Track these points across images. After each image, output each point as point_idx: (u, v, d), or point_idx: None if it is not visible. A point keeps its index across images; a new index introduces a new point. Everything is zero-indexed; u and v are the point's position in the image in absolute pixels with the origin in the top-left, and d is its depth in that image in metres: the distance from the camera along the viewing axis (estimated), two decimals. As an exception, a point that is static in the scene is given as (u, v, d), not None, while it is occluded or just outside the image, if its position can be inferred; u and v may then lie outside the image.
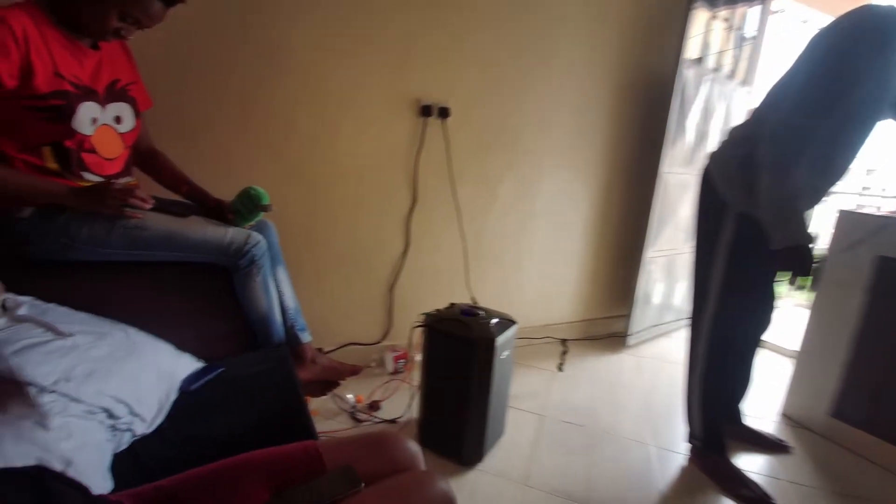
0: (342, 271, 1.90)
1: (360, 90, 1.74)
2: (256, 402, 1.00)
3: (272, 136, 1.65)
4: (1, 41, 0.89)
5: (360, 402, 1.73)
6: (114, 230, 1.07)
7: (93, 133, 1.08)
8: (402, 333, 2.03)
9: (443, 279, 2.10)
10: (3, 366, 0.70)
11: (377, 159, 1.85)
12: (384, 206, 1.91)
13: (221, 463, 0.68)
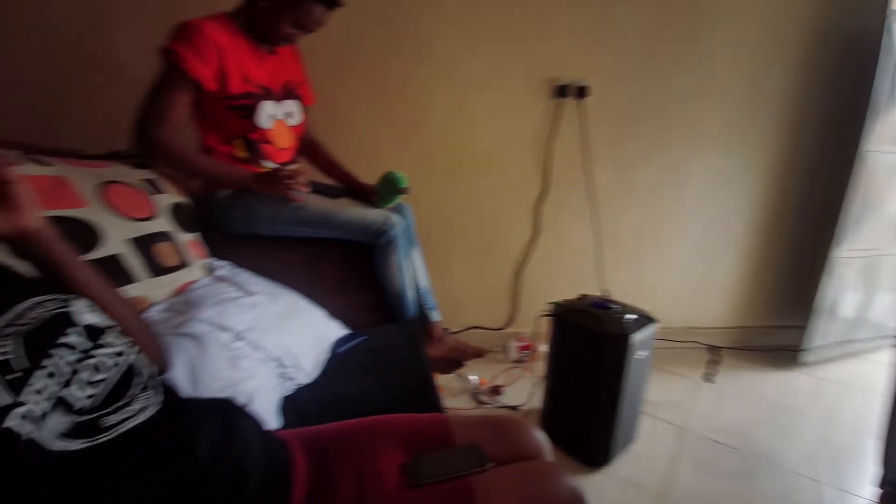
0: (471, 255, 1.94)
1: (493, 74, 1.73)
2: (391, 370, 1.08)
3: (410, 122, 1.74)
4: (203, 51, 1.08)
5: (483, 384, 1.75)
6: (283, 209, 1.24)
7: (270, 127, 1.26)
8: (527, 321, 1.99)
9: (572, 269, 2.00)
10: (209, 313, 0.86)
11: (508, 145, 1.83)
12: (513, 192, 1.89)
13: (364, 420, 0.75)
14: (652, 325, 1.38)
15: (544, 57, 1.74)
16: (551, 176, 1.87)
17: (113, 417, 0.48)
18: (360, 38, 1.62)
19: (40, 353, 0.45)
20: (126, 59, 1.45)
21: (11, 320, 0.46)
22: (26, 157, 0.86)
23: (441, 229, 1.87)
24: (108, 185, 0.95)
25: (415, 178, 1.43)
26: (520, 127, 1.81)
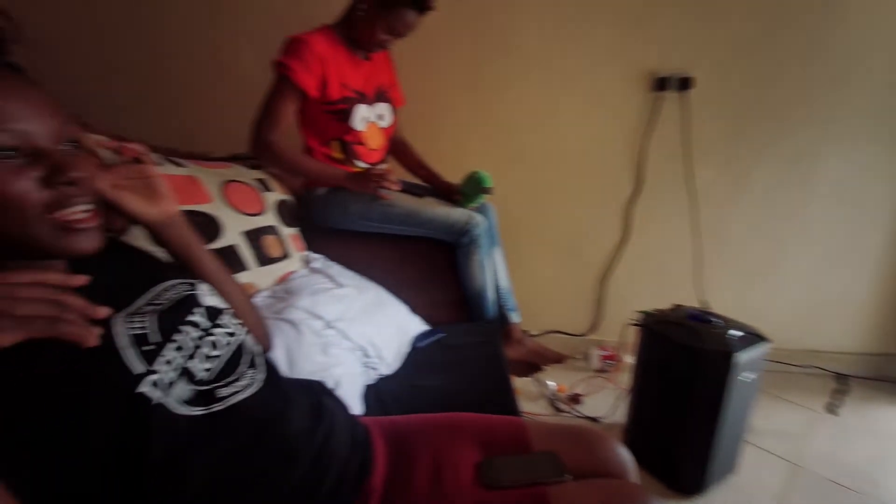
0: (554, 257, 1.88)
1: (585, 69, 1.66)
2: (468, 369, 1.09)
3: (496, 121, 1.73)
4: (307, 61, 1.18)
5: (562, 391, 1.70)
6: (373, 207, 1.31)
7: (363, 129, 1.33)
8: (612, 329, 1.89)
9: (666, 276, 1.85)
10: (305, 302, 0.94)
11: (598, 142, 1.74)
12: (602, 192, 1.79)
13: (441, 415, 0.76)
14: (762, 345, 1.23)
15: (642, 48, 1.62)
16: (645, 174, 1.74)
17: (225, 390, 0.54)
18: (446, 36, 1.63)
19: (171, 329, 0.53)
20: (247, 73, 1.63)
21: (150, 300, 0.55)
22: (166, 159, 1.01)
23: (524, 230, 1.84)
24: (229, 183, 1.08)
25: (500, 177, 1.43)
26: (612, 123, 1.71)
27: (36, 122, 0.43)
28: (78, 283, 0.40)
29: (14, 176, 0.42)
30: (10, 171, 0.41)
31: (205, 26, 1.65)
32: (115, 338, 0.48)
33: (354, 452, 0.63)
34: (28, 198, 0.42)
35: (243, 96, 1.28)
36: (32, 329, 0.36)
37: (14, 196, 0.41)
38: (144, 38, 1.67)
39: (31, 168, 0.43)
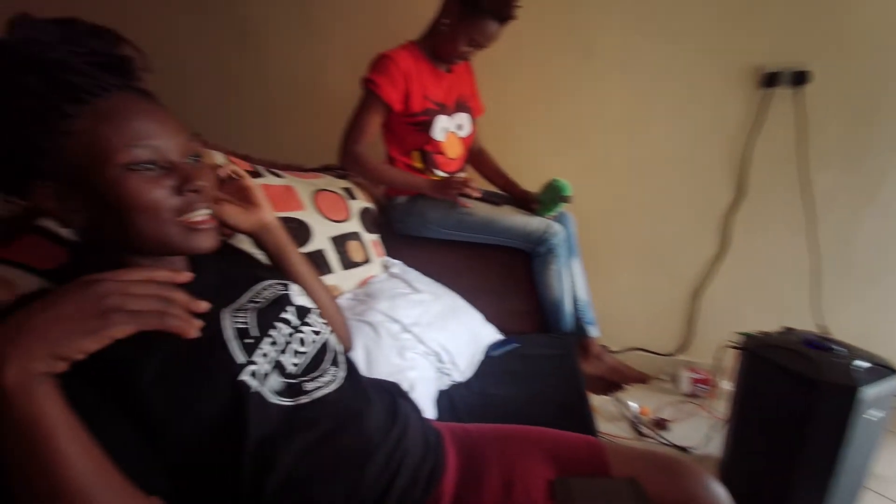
0: (638, 269, 1.77)
1: (676, 67, 1.54)
2: (543, 381, 1.06)
3: (576, 127, 1.67)
4: (393, 77, 1.23)
5: (645, 414, 1.58)
6: (451, 215, 1.33)
7: (443, 139, 1.36)
8: (705, 351, 1.72)
9: (772, 294, 1.65)
10: (383, 306, 0.98)
11: (692, 146, 1.61)
12: (697, 200, 1.65)
13: (514, 426, 0.75)
14: (893, 379, 1.04)
15: (747, 41, 1.47)
16: (748, 180, 1.57)
17: (310, 384, 0.58)
18: (523, 42, 1.59)
19: (267, 325, 0.58)
20: (338, 90, 1.75)
21: (251, 298, 0.61)
22: (268, 171, 1.12)
23: (606, 240, 1.75)
24: (319, 192, 1.17)
25: (579, 185, 1.38)
26: (709, 124, 1.57)
27: (168, 140, 0.50)
28: (183, 280, 0.44)
29: (152, 185, 0.49)
30: (149, 181, 0.49)
31: (300, 49, 1.81)
32: (223, 330, 0.53)
33: (427, 455, 0.64)
34: (163, 203, 0.49)
35: (334, 112, 1.38)
36: (143, 322, 0.40)
37: (152, 202, 0.49)
38: (250, 63, 1.87)
39: (165, 178, 0.50)
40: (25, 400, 0.36)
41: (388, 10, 1.67)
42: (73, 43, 0.45)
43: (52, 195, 0.48)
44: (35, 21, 0.45)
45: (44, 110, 0.44)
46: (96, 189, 0.47)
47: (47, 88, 0.44)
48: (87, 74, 0.46)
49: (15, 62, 0.43)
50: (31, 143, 0.45)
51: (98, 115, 0.46)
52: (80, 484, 0.36)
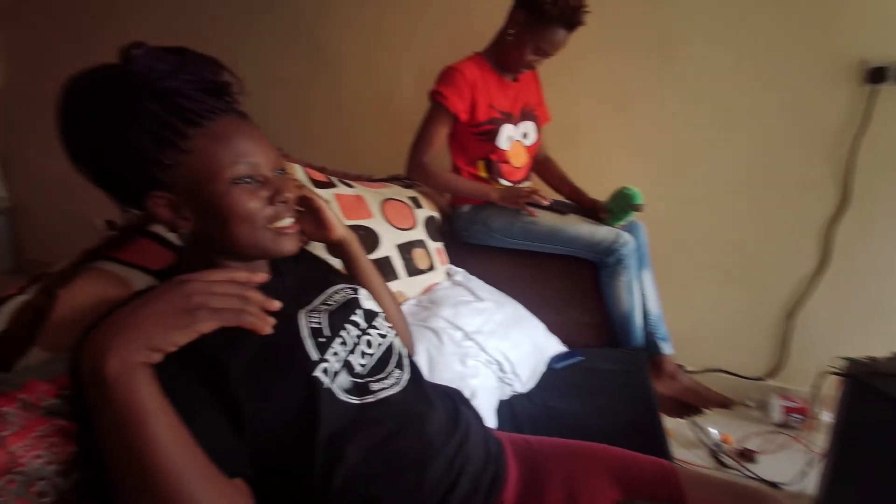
0: (720, 284, 1.63)
1: (766, 63, 1.42)
2: (610, 397, 1.02)
3: (650, 132, 1.59)
4: (460, 88, 1.26)
5: (728, 443, 1.45)
6: (515, 223, 1.33)
7: (508, 148, 1.37)
8: (800, 376, 1.54)
9: (881, 315, 1.45)
10: (446, 313, 1.00)
11: (786, 148, 1.46)
12: (791, 207, 1.50)
13: (579, 442, 0.73)
14: None
15: (847, 32, 1.32)
16: (852, 187, 1.40)
17: (375, 385, 0.61)
18: (593, 41, 1.48)
19: (339, 326, 0.62)
20: (407, 103, 1.83)
21: (324, 300, 0.65)
22: (341, 181, 1.19)
23: (683, 252, 1.63)
24: (387, 201, 1.22)
25: (653, 193, 1.31)
26: (805, 127, 1.43)
27: (262, 156, 0.56)
28: (259, 281, 0.48)
29: (250, 196, 0.55)
30: (248, 193, 0.55)
31: (372, 65, 1.91)
32: (300, 329, 0.58)
33: (488, 464, 0.64)
34: (258, 213, 0.56)
35: (402, 124, 1.44)
36: (224, 319, 0.44)
37: (250, 211, 0.55)
38: (324, 81, 2.00)
39: (260, 190, 0.56)
40: (125, 387, 0.40)
41: (457, 23, 1.71)
42: (185, 72, 0.52)
43: (166, 204, 0.55)
44: (153, 50, 0.52)
45: (164, 131, 0.51)
46: (205, 200, 0.54)
47: (167, 113, 0.51)
48: (199, 100, 0.53)
49: (140, 90, 0.50)
50: (153, 160, 0.52)
51: (209, 136, 0.53)
52: (168, 463, 0.41)
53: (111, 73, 0.51)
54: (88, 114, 0.51)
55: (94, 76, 0.52)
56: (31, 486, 0.45)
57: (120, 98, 0.50)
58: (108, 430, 0.41)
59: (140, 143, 0.51)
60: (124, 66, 0.51)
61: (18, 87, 2.99)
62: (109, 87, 0.50)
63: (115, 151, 0.52)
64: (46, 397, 0.53)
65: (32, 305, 0.61)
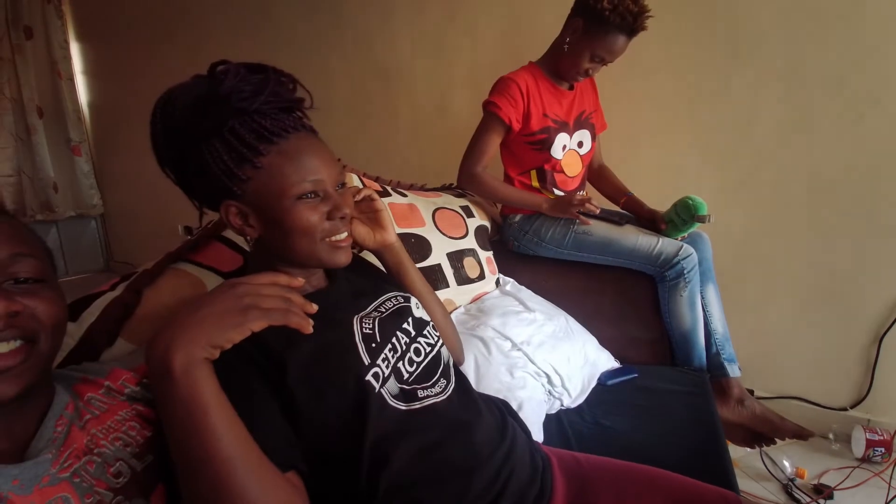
0: (799, 303, 1.49)
1: (854, 54, 1.29)
2: (667, 420, 0.96)
3: (721, 140, 1.49)
4: (513, 97, 1.26)
5: (802, 477, 1.31)
6: (568, 234, 1.30)
7: (562, 157, 1.34)
8: (887, 407, 1.38)
9: None
10: (495, 322, 0.99)
11: (874, 156, 1.32)
12: (880, 221, 1.35)
13: (635, 465, 0.69)
14: None
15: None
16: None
17: (422, 392, 0.61)
18: (658, 43, 1.46)
19: (390, 333, 0.63)
20: (461, 115, 1.85)
21: (376, 307, 0.67)
22: (395, 190, 1.23)
23: (754, 266, 1.51)
24: (439, 210, 1.24)
25: (723, 204, 1.23)
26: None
27: (326, 173, 0.60)
28: (296, 285, 0.51)
29: (312, 211, 0.58)
30: (310, 207, 0.58)
31: (427, 78, 1.95)
32: (354, 334, 0.60)
33: (535, 478, 0.63)
34: (318, 226, 0.59)
35: (456, 135, 1.46)
36: (272, 318, 0.47)
37: (311, 225, 0.58)
38: (382, 93, 2.07)
39: (321, 205, 0.60)
40: (188, 381, 0.43)
41: (513, 36, 1.72)
42: (267, 92, 0.56)
43: (237, 213, 0.59)
44: (239, 70, 0.56)
45: (242, 149, 0.56)
46: (271, 212, 0.58)
47: (246, 131, 0.55)
48: (276, 119, 0.57)
49: (224, 109, 0.55)
50: (230, 173, 0.56)
51: (280, 153, 0.57)
52: (226, 453, 0.43)
53: (200, 91, 0.56)
54: (178, 126, 0.56)
55: (185, 91, 0.57)
56: (108, 468, 0.49)
57: (206, 115, 0.55)
58: (171, 420, 0.45)
59: (220, 157, 0.55)
60: (212, 84, 0.55)
61: (109, 102, 3.35)
62: (197, 104, 0.55)
63: (197, 162, 0.57)
64: (128, 385, 0.58)
65: (121, 301, 0.68)
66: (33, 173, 3.21)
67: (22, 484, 0.43)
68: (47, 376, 0.50)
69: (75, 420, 0.50)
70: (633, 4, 1.13)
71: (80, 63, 3.37)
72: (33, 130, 3.15)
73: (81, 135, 3.38)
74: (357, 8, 2.02)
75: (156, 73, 2.77)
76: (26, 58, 3.09)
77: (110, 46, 3.17)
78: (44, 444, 0.47)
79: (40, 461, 0.45)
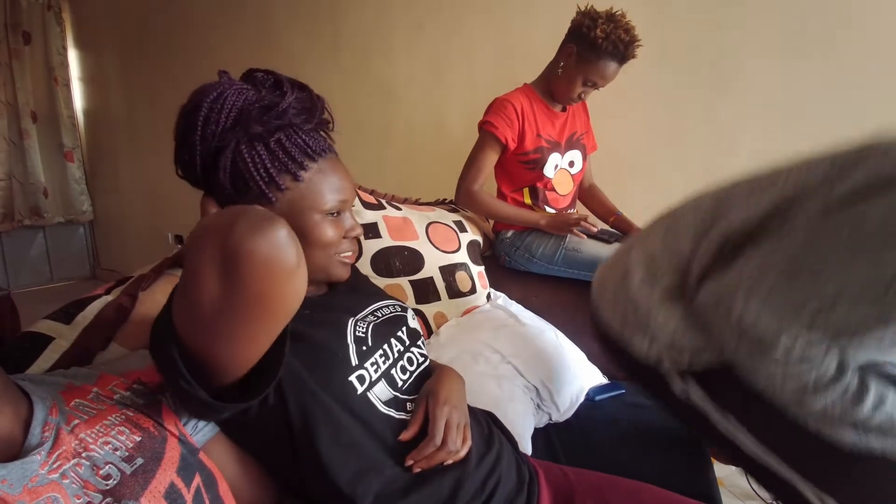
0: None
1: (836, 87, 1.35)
2: (653, 435, 0.97)
3: (709, 163, 1.54)
4: (509, 116, 1.30)
5: (785, 496, 1.32)
6: (558, 251, 1.32)
7: (553, 176, 1.38)
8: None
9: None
10: (485, 336, 1.01)
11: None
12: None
13: (620, 479, 0.70)
14: None
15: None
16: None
17: (410, 405, 0.63)
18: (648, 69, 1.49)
19: (382, 339, 0.64)
20: (456, 133, 1.89)
21: (372, 311, 0.68)
22: (389, 203, 1.25)
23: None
24: (432, 224, 1.26)
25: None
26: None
27: (350, 194, 0.63)
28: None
29: (331, 228, 0.61)
30: (331, 224, 0.61)
31: (424, 96, 2.00)
32: (347, 335, 0.62)
33: (521, 488, 0.63)
34: (334, 242, 0.62)
35: (450, 153, 1.49)
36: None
37: (328, 241, 0.61)
38: (378, 111, 2.11)
39: (338, 222, 0.62)
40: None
41: (508, 59, 1.77)
42: (306, 110, 0.59)
43: None
44: (291, 85, 0.58)
45: (288, 161, 0.57)
46: (298, 222, 0.58)
47: (293, 145, 0.58)
48: (317, 139, 0.60)
49: (282, 120, 0.56)
50: (271, 179, 0.57)
51: (320, 171, 0.60)
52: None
53: (251, 95, 0.56)
54: (225, 123, 0.55)
55: (236, 93, 0.55)
56: (98, 470, 0.50)
57: (261, 120, 0.55)
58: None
59: (263, 163, 0.56)
60: (271, 93, 0.57)
61: (104, 109, 3.35)
62: (253, 108, 0.55)
63: (234, 161, 0.56)
64: (118, 390, 0.58)
65: (116, 305, 0.68)
66: (24, 178, 3.19)
67: (11, 483, 0.43)
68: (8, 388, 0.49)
69: (62, 424, 0.50)
70: (625, 34, 1.18)
71: (78, 70, 3.38)
72: (26, 135, 3.14)
73: (75, 141, 3.38)
74: (356, 26, 2.08)
75: (153, 84, 2.80)
76: (23, 62, 3.11)
77: (108, 55, 3.19)
78: (32, 449, 0.47)
79: (27, 461, 0.45)
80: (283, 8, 2.26)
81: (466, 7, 1.82)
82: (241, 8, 2.40)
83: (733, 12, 1.42)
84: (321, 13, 2.16)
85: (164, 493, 0.50)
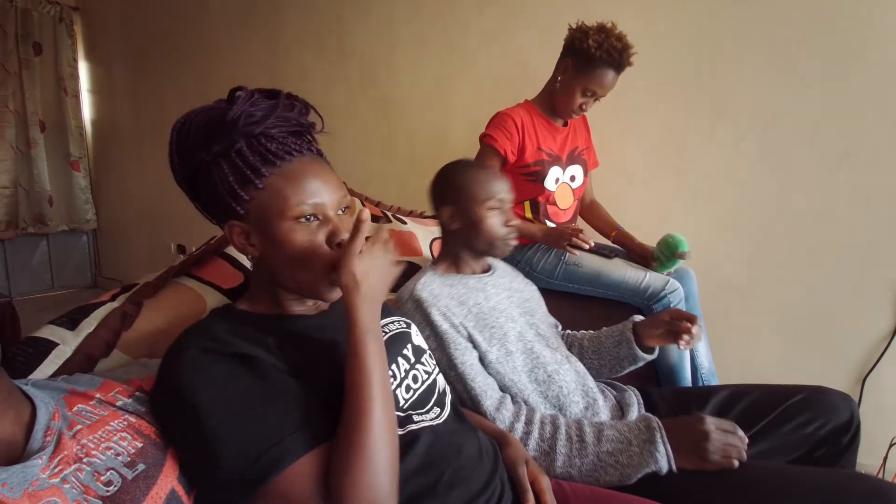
0: (782, 341, 1.51)
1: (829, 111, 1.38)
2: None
3: (705, 182, 1.56)
4: (509, 130, 1.32)
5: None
6: (559, 265, 1.33)
7: (555, 190, 1.39)
8: (870, 448, 1.39)
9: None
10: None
11: (855, 203, 1.38)
12: (863, 264, 1.39)
13: (612, 493, 0.70)
14: None
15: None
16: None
17: (418, 417, 0.63)
18: (647, 92, 1.56)
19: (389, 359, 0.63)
20: (458, 147, 1.91)
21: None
22: (395, 217, 1.26)
23: (741, 302, 1.54)
24: (436, 240, 1.27)
25: (710, 241, 1.27)
26: (877, 181, 1.34)
27: (328, 196, 0.59)
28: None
29: (309, 235, 0.57)
30: (308, 231, 0.57)
31: (424, 110, 2.03)
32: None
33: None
34: (319, 251, 0.57)
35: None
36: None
37: (307, 250, 0.57)
38: (382, 124, 2.14)
39: (319, 230, 0.58)
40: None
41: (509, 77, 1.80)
42: (275, 116, 0.58)
43: (240, 232, 0.60)
44: (251, 95, 0.58)
45: (246, 170, 0.56)
46: (270, 233, 0.58)
47: (252, 153, 0.57)
48: (282, 142, 0.58)
49: (234, 132, 0.56)
50: (233, 193, 0.57)
51: (283, 176, 0.57)
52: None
53: (214, 114, 0.58)
54: (191, 146, 0.58)
55: (202, 113, 0.59)
56: (99, 476, 0.50)
57: (216, 137, 0.57)
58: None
59: (226, 177, 0.56)
60: (226, 108, 0.57)
61: (112, 121, 3.40)
62: (209, 126, 0.57)
63: (206, 181, 0.58)
64: (121, 397, 0.58)
65: (121, 312, 0.68)
66: (30, 186, 3.22)
67: (11, 487, 0.43)
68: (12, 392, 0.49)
69: (64, 429, 0.51)
70: (618, 42, 1.21)
71: (87, 81, 3.44)
72: (34, 143, 3.18)
73: (82, 150, 3.42)
74: (362, 40, 2.12)
75: (161, 97, 2.84)
76: (33, 73, 3.16)
77: (118, 68, 3.25)
78: (33, 453, 0.47)
79: (29, 465, 0.46)
80: (292, 23, 2.32)
81: (468, 23, 1.86)
82: (250, 23, 2.45)
83: (735, 33, 1.46)
84: (328, 29, 2.21)
85: (164, 499, 0.51)
